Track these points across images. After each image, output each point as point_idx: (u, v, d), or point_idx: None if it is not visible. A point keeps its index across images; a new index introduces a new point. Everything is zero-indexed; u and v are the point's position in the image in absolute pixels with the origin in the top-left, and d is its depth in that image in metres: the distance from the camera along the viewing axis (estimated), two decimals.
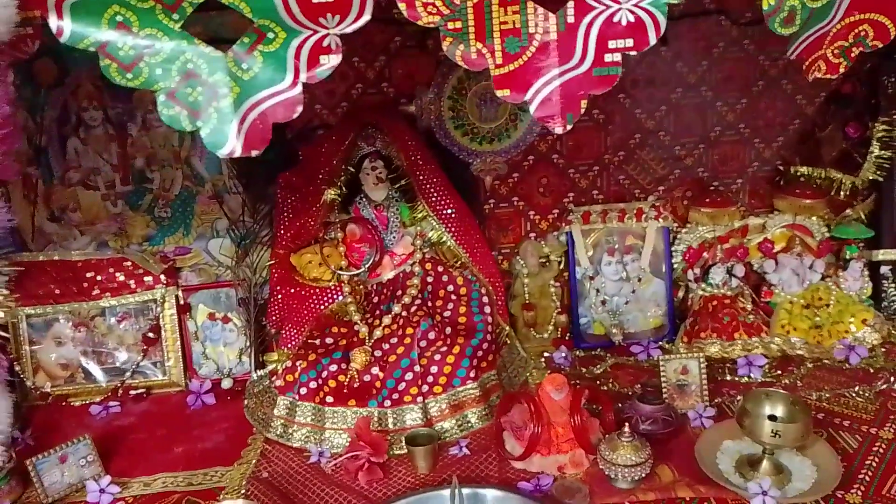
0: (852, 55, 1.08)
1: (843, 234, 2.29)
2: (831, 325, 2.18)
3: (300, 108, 0.82)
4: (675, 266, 2.30)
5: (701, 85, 2.25)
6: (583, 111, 0.86)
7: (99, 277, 2.22)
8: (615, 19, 0.82)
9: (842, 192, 2.27)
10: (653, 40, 0.86)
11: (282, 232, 2.12)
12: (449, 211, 2.09)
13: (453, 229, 2.10)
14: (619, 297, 2.29)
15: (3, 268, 1.94)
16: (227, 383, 2.20)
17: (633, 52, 0.84)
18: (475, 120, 2.17)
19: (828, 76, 1.12)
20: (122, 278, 2.23)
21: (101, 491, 1.73)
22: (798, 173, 2.30)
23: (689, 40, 2.18)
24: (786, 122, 2.32)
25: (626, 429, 1.62)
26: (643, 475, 1.60)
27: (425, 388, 1.89)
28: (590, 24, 0.83)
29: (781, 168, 2.35)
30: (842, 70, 1.12)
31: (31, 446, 1.91)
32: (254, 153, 0.79)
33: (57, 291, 2.20)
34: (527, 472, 1.70)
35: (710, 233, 2.28)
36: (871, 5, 1.01)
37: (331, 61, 0.81)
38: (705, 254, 2.27)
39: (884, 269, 2.30)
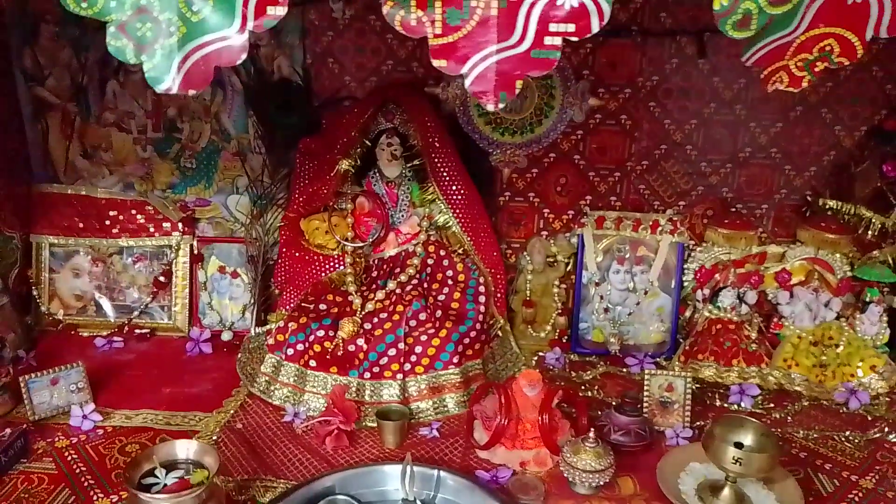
0: (816, 70, 1.04)
1: (866, 276, 2.20)
2: (837, 367, 2.10)
3: (244, 55, 0.85)
4: (685, 284, 2.26)
5: (736, 103, 2.20)
6: (517, 91, 0.86)
7: (121, 217, 2.31)
8: (558, 2, 0.81)
9: (870, 232, 2.19)
10: (595, 28, 0.84)
11: (296, 196, 2.17)
12: (458, 197, 2.09)
13: (460, 215, 2.10)
14: (623, 307, 2.26)
15: None
16: (226, 336, 2.26)
17: (575, 38, 0.83)
18: (500, 110, 2.17)
19: (790, 89, 1.08)
20: (142, 221, 2.32)
21: (84, 417, 1.82)
22: (826, 206, 2.22)
23: (728, 55, 2.12)
24: (821, 151, 2.24)
25: (592, 434, 1.61)
26: (602, 483, 1.59)
27: (407, 366, 1.91)
28: (532, 5, 0.82)
29: (810, 198, 2.27)
30: (805, 84, 1.08)
31: (32, 367, 2.01)
32: (191, 93, 0.82)
33: (80, 225, 2.31)
34: (490, 462, 1.70)
35: (725, 255, 2.22)
36: (838, 19, 0.97)
37: (277, 11, 0.83)
38: (717, 275, 2.22)
39: None
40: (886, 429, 1.88)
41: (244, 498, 1.56)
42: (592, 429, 1.63)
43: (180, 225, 2.31)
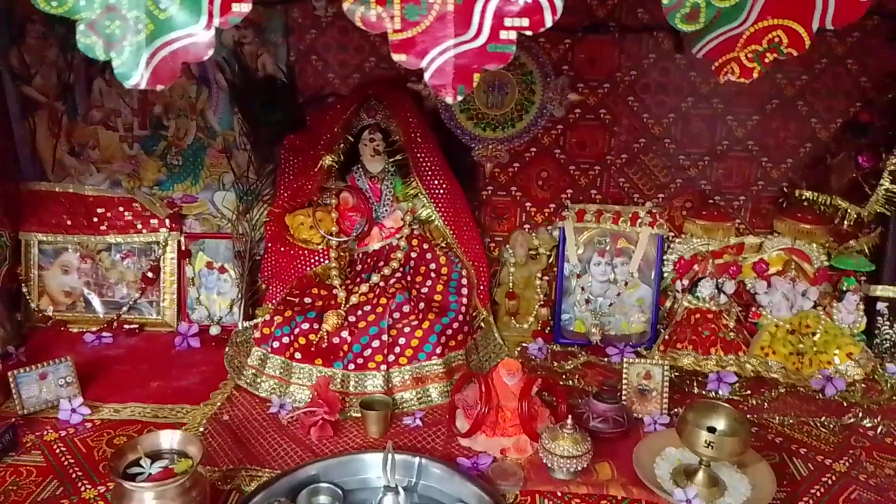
0: (766, 61, 1.07)
1: (842, 265, 2.25)
2: (814, 354, 2.14)
3: (211, 51, 0.88)
4: (665, 275, 2.30)
5: (713, 97, 2.23)
6: (475, 84, 0.89)
7: (108, 214, 2.34)
8: None
9: (846, 222, 2.23)
10: (549, 22, 0.87)
11: (281, 191, 2.20)
12: (441, 191, 2.13)
13: (443, 209, 2.14)
14: (604, 298, 2.30)
15: None
16: (214, 330, 2.29)
17: (529, 32, 0.86)
18: (482, 106, 2.21)
19: (742, 80, 1.12)
20: (129, 217, 2.35)
21: (73, 410, 1.84)
22: (802, 197, 2.26)
23: None
24: (797, 143, 2.28)
25: (569, 421, 1.64)
26: (580, 468, 1.62)
27: (391, 357, 1.94)
28: (487, 1, 0.85)
29: (786, 190, 2.31)
30: (755, 75, 1.11)
31: (21, 362, 2.04)
32: (158, 88, 0.85)
33: (68, 222, 2.34)
34: (471, 450, 1.74)
35: (703, 246, 2.27)
36: (784, 11, 1.00)
37: (241, 8, 0.86)
38: (696, 266, 2.26)
39: (880, 306, 2.25)
40: (861, 414, 1.92)
41: (229, 487, 1.59)
42: (570, 416, 1.66)
43: (167, 221, 2.34)
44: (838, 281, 2.26)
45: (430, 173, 2.12)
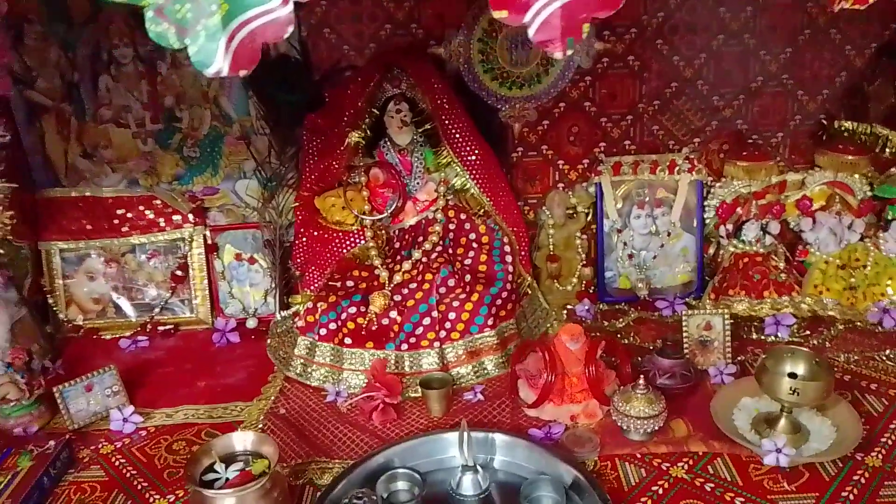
0: None
1: (886, 194, 2.18)
2: (867, 287, 2.10)
3: (291, 28, 0.80)
4: (707, 221, 2.24)
5: (744, 32, 2.15)
6: (584, 35, 0.82)
7: (129, 215, 2.26)
8: None
9: (887, 150, 2.17)
10: None
11: (307, 174, 2.12)
12: (473, 157, 2.05)
13: (477, 176, 2.06)
14: (647, 251, 2.25)
15: None
16: (251, 323, 2.23)
17: None
18: (505, 64, 2.12)
19: (856, 6, 1.04)
20: (151, 216, 2.27)
21: (125, 420, 1.79)
22: (842, 128, 2.21)
23: None
24: (832, 74, 2.21)
25: (641, 381, 1.60)
26: (656, 428, 1.58)
27: (443, 333, 1.89)
28: None
29: (825, 122, 2.25)
30: (871, 1, 1.04)
31: (61, 376, 1.96)
32: (241, 73, 0.77)
33: (89, 227, 2.26)
34: (539, 420, 1.70)
35: (745, 188, 2.20)
36: None
37: None
38: (739, 209, 2.20)
39: None
40: None
41: (302, 482, 1.55)
42: (642, 375, 1.62)
43: (191, 216, 2.27)
44: (882, 210, 2.21)
45: (460, 140, 2.04)
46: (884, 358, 1.87)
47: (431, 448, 1.57)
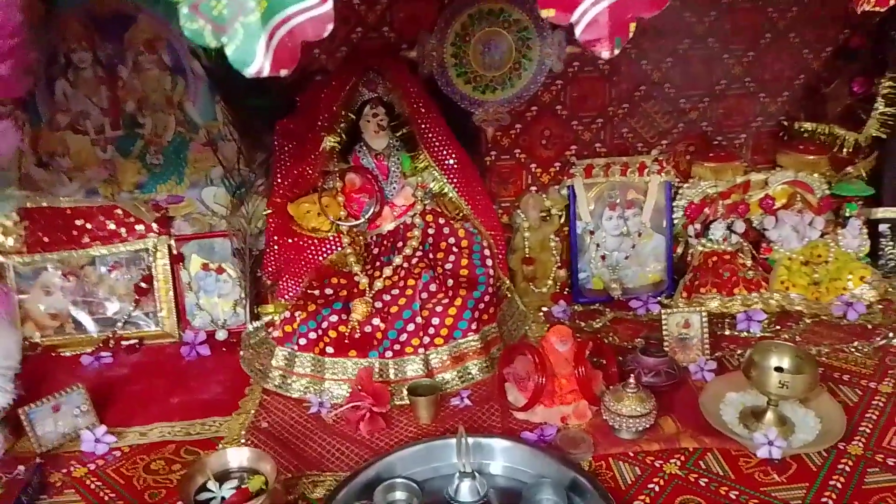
0: None
1: (843, 192, 2.28)
2: (829, 282, 2.18)
3: (331, 26, 0.77)
4: (676, 221, 2.28)
5: (709, 36, 2.21)
6: (631, 35, 0.82)
7: (89, 225, 2.16)
8: None
9: (844, 149, 2.26)
10: None
11: (279, 180, 2.06)
12: (451, 161, 2.04)
13: (455, 180, 2.05)
14: (619, 252, 2.27)
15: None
16: (221, 335, 2.16)
17: None
18: (478, 67, 2.12)
19: (877, 9, 1.08)
20: (112, 226, 2.17)
21: (97, 440, 1.70)
22: (802, 129, 2.28)
23: None
24: (792, 76, 2.29)
25: (632, 380, 1.62)
26: (647, 426, 1.60)
27: (427, 339, 1.87)
28: None
29: (786, 124, 2.32)
30: (892, 3, 1.07)
31: (21, 396, 1.86)
32: (282, 73, 0.74)
33: (46, 239, 2.15)
34: (529, 422, 1.69)
35: (712, 188, 2.26)
36: None
37: None
38: (706, 209, 2.25)
39: (882, 228, 2.30)
40: (892, 335, 1.97)
41: (294, 497, 1.50)
42: (632, 374, 1.64)
43: (155, 226, 2.18)
44: (840, 208, 2.29)
45: (437, 144, 2.03)
46: (853, 350, 1.94)
47: (427, 456, 1.54)
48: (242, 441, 1.68)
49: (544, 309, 2.22)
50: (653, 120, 2.29)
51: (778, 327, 2.07)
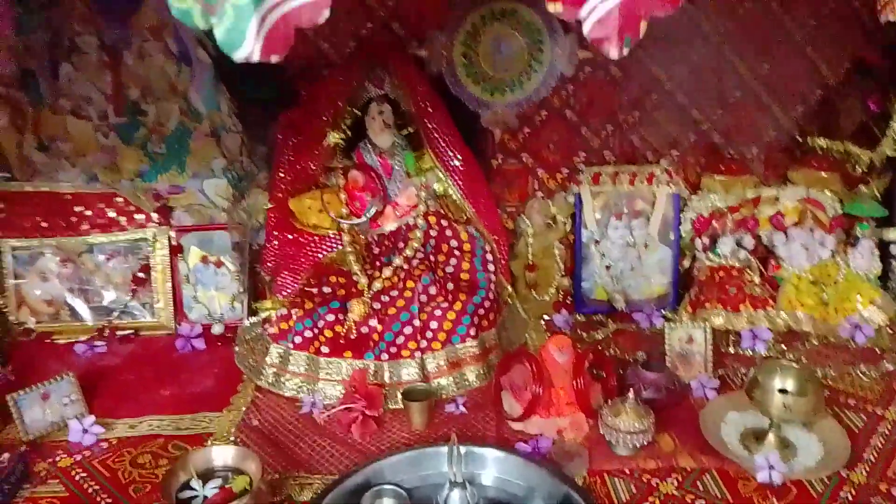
0: None
1: (856, 211, 2.22)
2: (838, 303, 2.13)
3: (327, 12, 0.74)
4: (683, 234, 2.24)
5: (723, 45, 2.16)
6: (642, 35, 0.78)
7: (88, 212, 2.14)
8: None
9: (858, 168, 2.21)
10: None
11: (281, 174, 2.03)
12: (456, 162, 2.00)
13: (460, 182, 2.02)
14: (624, 262, 2.23)
15: None
16: (217, 329, 2.13)
17: None
18: (488, 68, 2.08)
19: None
20: (112, 214, 2.15)
21: (85, 431, 1.67)
22: (816, 145, 2.23)
23: None
24: (807, 90, 2.24)
25: (631, 394, 1.58)
26: (644, 443, 1.56)
27: (424, 343, 1.84)
28: None
29: (799, 138, 2.27)
30: None
31: (11, 382, 1.84)
32: (273, 59, 0.71)
33: (44, 224, 2.12)
34: (524, 433, 1.66)
35: (721, 201, 2.21)
36: None
37: None
38: (715, 223, 2.21)
39: (894, 250, 2.25)
40: None
41: (280, 498, 1.47)
42: (631, 388, 1.60)
43: (154, 216, 2.15)
44: (851, 227, 2.24)
45: (443, 144, 1.99)
46: (860, 373, 1.89)
47: (418, 463, 1.51)
48: (232, 439, 1.65)
49: (546, 317, 2.19)
50: (663, 129, 2.24)
51: (784, 347, 2.03)
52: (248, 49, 0.71)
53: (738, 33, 2.16)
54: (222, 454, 1.31)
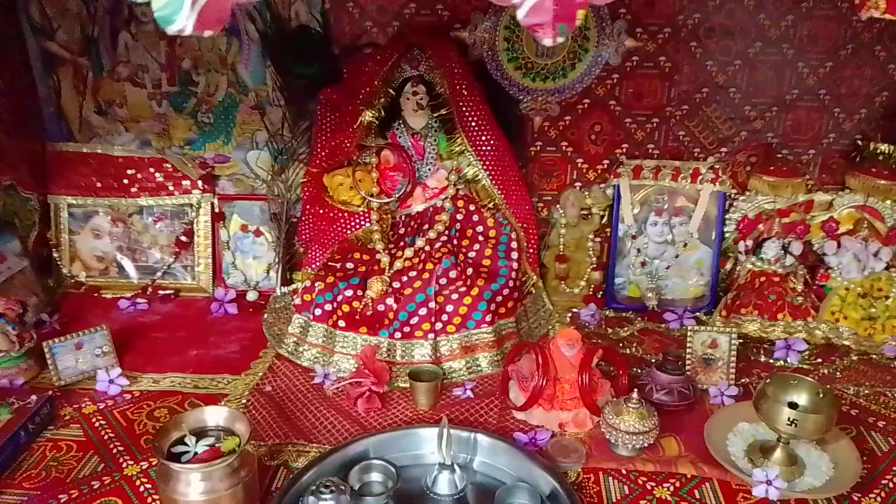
0: None
1: None
2: (886, 319, 2.01)
3: None
4: (727, 235, 2.16)
5: (783, 41, 2.05)
6: (579, 23, 0.75)
7: (139, 175, 2.24)
8: None
9: None
10: None
11: (318, 150, 2.08)
12: (488, 148, 1.99)
13: (490, 167, 2.00)
14: (661, 260, 2.17)
15: None
16: (252, 295, 2.21)
17: None
18: (531, 54, 2.06)
19: (887, 16, 0.96)
20: (160, 179, 2.24)
21: (111, 381, 1.77)
22: (878, 151, 2.09)
23: None
24: (872, 92, 2.10)
25: (635, 395, 1.54)
26: (645, 445, 1.52)
27: (438, 325, 1.84)
28: None
29: (860, 143, 2.14)
30: None
31: (56, 331, 1.97)
32: (206, 33, 0.73)
33: (98, 184, 2.24)
34: (527, 423, 1.65)
35: (769, 203, 2.12)
36: None
37: None
38: (761, 226, 2.11)
39: None
40: None
41: (276, 463, 1.52)
42: (636, 389, 1.56)
43: (200, 183, 2.24)
44: None
45: (476, 129, 1.98)
46: (895, 395, 1.78)
47: (410, 442, 1.53)
48: (244, 401, 1.71)
49: (573, 310, 2.15)
50: (713, 125, 2.16)
51: (819, 360, 1.93)
52: (181, 23, 0.73)
53: (799, 29, 2.05)
54: (215, 415, 1.36)
